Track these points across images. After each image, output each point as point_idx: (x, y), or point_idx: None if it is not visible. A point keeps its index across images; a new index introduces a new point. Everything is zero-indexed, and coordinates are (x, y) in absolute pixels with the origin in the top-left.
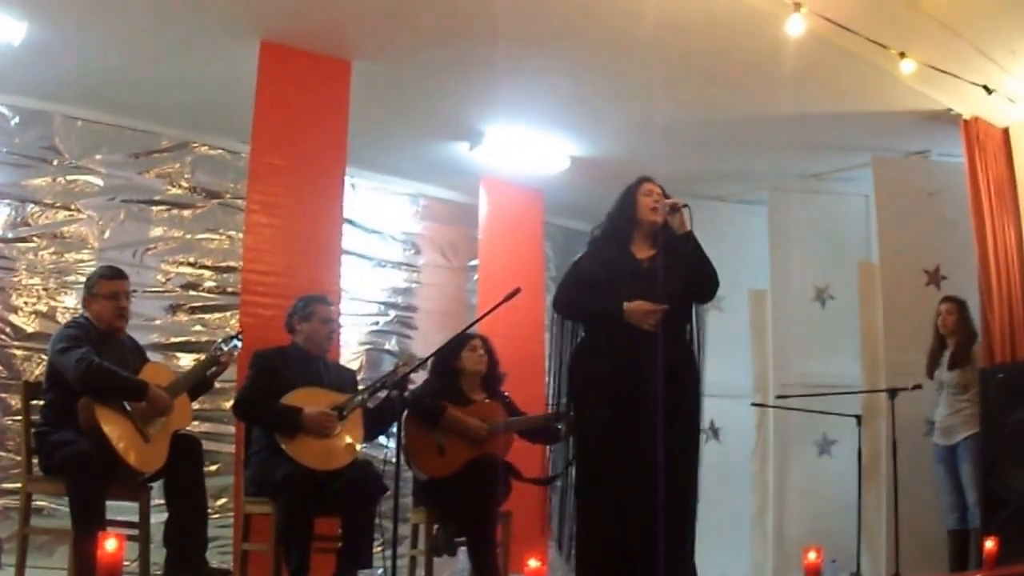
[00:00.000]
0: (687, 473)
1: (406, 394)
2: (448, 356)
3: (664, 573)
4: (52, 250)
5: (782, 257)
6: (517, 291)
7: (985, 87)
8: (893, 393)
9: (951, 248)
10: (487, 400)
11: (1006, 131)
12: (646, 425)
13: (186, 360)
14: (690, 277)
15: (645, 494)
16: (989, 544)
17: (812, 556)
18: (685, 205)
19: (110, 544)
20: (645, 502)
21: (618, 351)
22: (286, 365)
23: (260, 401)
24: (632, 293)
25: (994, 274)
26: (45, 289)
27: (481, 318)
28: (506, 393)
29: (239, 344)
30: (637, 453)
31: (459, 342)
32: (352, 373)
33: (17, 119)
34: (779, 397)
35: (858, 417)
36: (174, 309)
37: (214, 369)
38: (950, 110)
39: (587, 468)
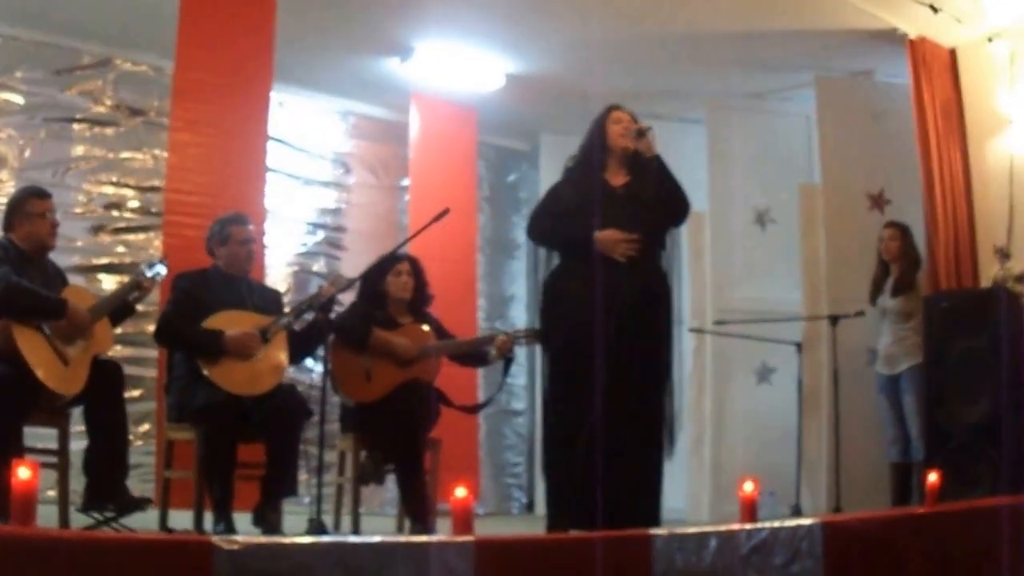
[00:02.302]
0: (656, 404)
1: (332, 316)
2: (374, 279)
3: (630, 500)
4: None
5: (721, 178)
6: (446, 212)
7: (931, 6)
8: (834, 320)
9: (895, 172)
10: (415, 323)
11: (952, 52)
12: (615, 349)
13: (109, 283)
14: (661, 201)
15: (613, 424)
16: (932, 477)
17: (748, 487)
18: (649, 128)
19: (23, 472)
20: (614, 434)
21: (589, 280)
22: (207, 287)
23: (180, 325)
24: (608, 220)
25: (939, 199)
26: None
27: (409, 239)
28: (434, 316)
29: (163, 271)
30: (605, 377)
31: (384, 266)
32: (277, 294)
33: None
34: (717, 323)
35: (798, 344)
36: (96, 230)
37: (136, 294)
38: (896, 29)
39: (555, 387)
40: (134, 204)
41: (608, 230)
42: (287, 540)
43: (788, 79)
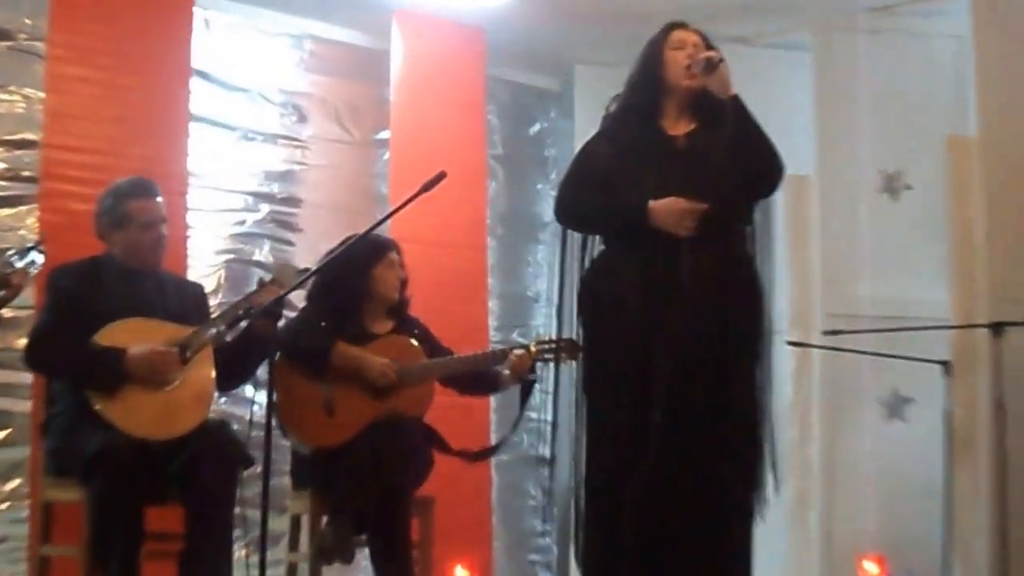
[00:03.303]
0: (740, 449)
1: (280, 325)
2: (350, 273)
3: None
4: None
5: (834, 128)
6: (441, 176)
7: None
8: (999, 329)
9: None
10: (396, 334)
11: None
12: (681, 369)
13: None
14: (742, 159)
15: (677, 478)
16: None
17: (872, 568)
18: (721, 60)
19: None
20: (678, 491)
21: (642, 269)
22: (98, 286)
23: (61, 340)
24: (665, 183)
25: None
26: None
27: (390, 216)
28: (423, 323)
29: (39, 259)
30: (667, 410)
31: (368, 252)
32: (201, 294)
33: None
34: (828, 333)
35: (946, 364)
36: None
37: (3, 294)
38: None
39: (595, 423)
40: None
41: (668, 198)
42: None
43: None
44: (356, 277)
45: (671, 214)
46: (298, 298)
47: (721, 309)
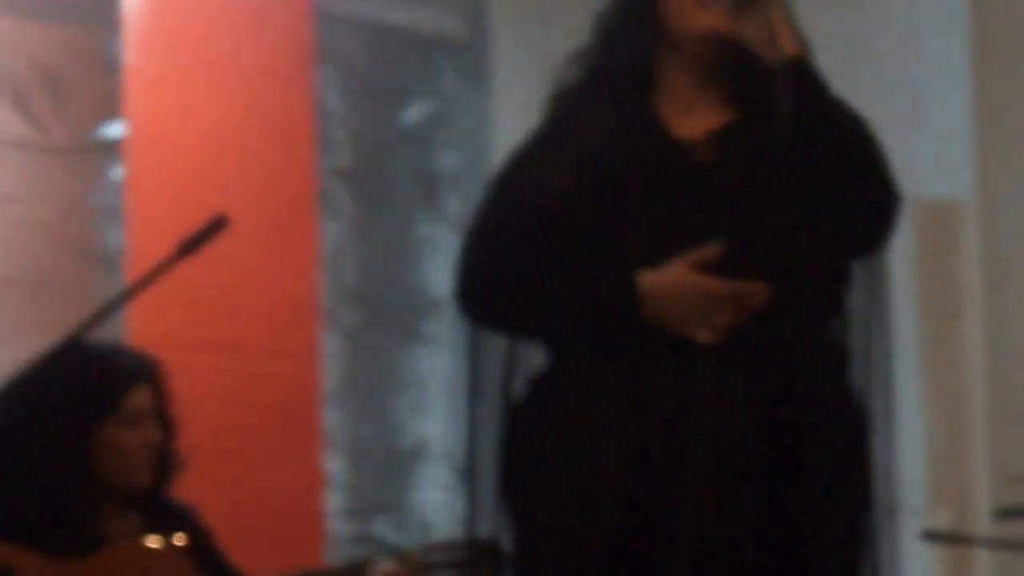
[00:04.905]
0: None
1: None
2: (42, 436)
3: None
4: None
5: (1003, 121)
6: (220, 224)
7: None
8: None
9: None
10: (146, 536)
11: None
12: None
13: None
14: (818, 182)
15: None
16: None
17: None
18: None
19: None
20: None
21: (626, 411)
22: None
23: None
24: (672, 235)
25: None
26: None
27: (127, 297)
28: (192, 509)
29: None
30: None
31: (85, 392)
32: None
33: None
34: (1004, 516)
35: None
36: None
37: None
38: None
39: None
40: None
41: (677, 265)
42: None
43: None
44: (57, 445)
45: (682, 300)
46: None
47: (779, 488)
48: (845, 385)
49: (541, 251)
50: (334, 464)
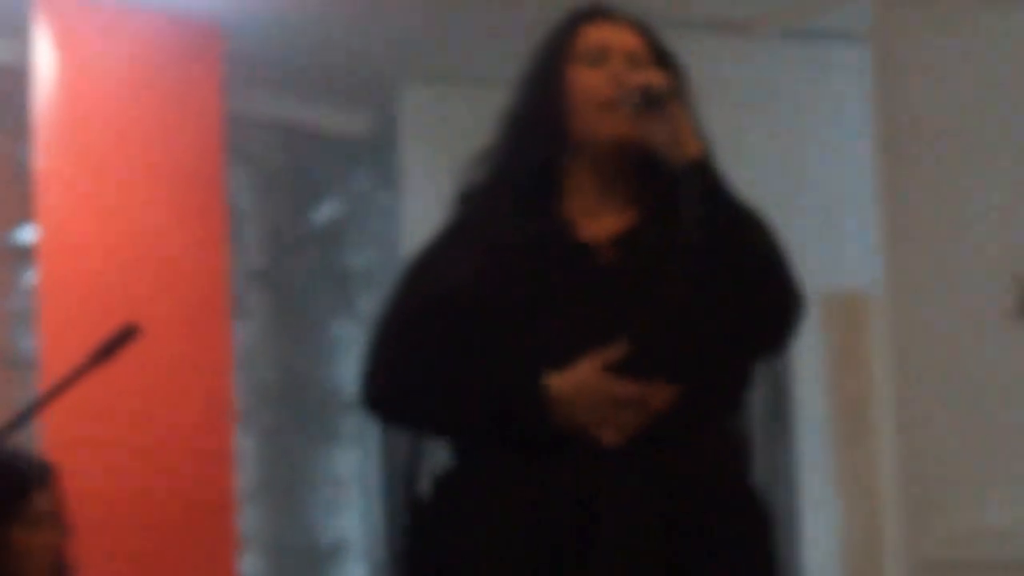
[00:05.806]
0: None
1: None
2: None
3: None
4: None
5: (916, 192)
6: (130, 333)
7: None
8: None
9: None
10: None
11: None
12: None
13: None
14: (721, 284)
15: None
16: None
17: None
18: (673, 87)
19: None
20: None
21: (531, 511)
22: None
23: None
24: (578, 337)
25: None
26: None
27: (35, 410)
28: None
29: None
30: None
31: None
32: None
33: None
34: None
35: None
36: None
37: None
38: None
39: None
40: None
41: (583, 368)
42: None
43: None
44: None
45: (589, 404)
46: None
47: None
48: (747, 481)
49: (446, 349)
50: (253, 564)
